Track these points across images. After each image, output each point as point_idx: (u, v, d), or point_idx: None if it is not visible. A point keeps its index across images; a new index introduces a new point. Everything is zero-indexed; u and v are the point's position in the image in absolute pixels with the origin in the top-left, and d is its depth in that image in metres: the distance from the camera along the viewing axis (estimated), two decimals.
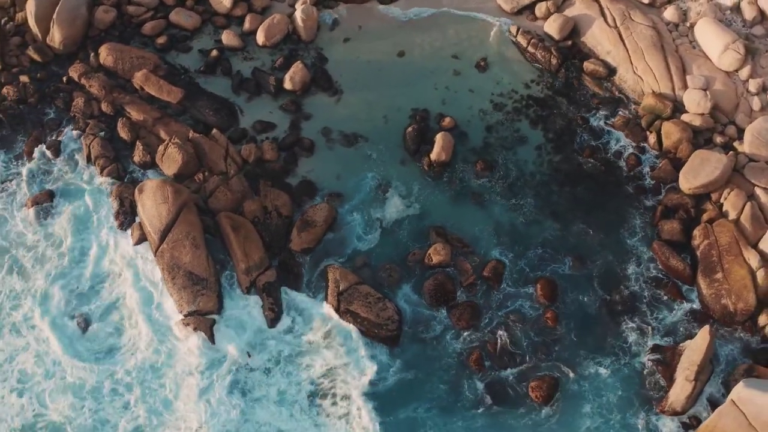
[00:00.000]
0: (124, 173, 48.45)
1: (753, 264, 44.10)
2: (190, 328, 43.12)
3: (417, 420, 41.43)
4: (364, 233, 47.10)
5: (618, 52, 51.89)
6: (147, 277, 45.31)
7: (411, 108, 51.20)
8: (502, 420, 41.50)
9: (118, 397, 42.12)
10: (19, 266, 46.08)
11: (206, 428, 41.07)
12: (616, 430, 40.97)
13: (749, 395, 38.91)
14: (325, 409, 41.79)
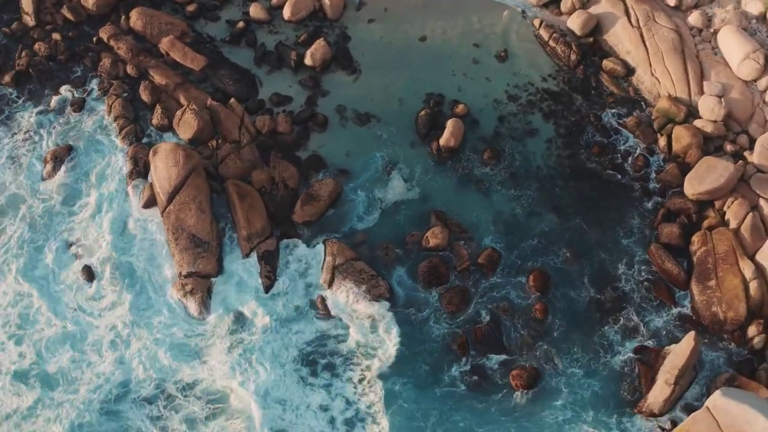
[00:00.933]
0: (141, 134, 49.68)
1: (747, 274, 43.69)
2: (188, 288, 44.39)
3: (393, 392, 41.90)
4: (366, 212, 47.67)
5: (638, 53, 51.49)
6: (152, 236, 46.46)
7: (426, 92, 51.49)
8: (475, 403, 41.83)
9: (114, 350, 43.37)
10: (31, 216, 47.46)
11: (199, 385, 42.52)
12: (587, 425, 40.92)
13: (725, 404, 38.71)
14: (311, 375, 42.48)
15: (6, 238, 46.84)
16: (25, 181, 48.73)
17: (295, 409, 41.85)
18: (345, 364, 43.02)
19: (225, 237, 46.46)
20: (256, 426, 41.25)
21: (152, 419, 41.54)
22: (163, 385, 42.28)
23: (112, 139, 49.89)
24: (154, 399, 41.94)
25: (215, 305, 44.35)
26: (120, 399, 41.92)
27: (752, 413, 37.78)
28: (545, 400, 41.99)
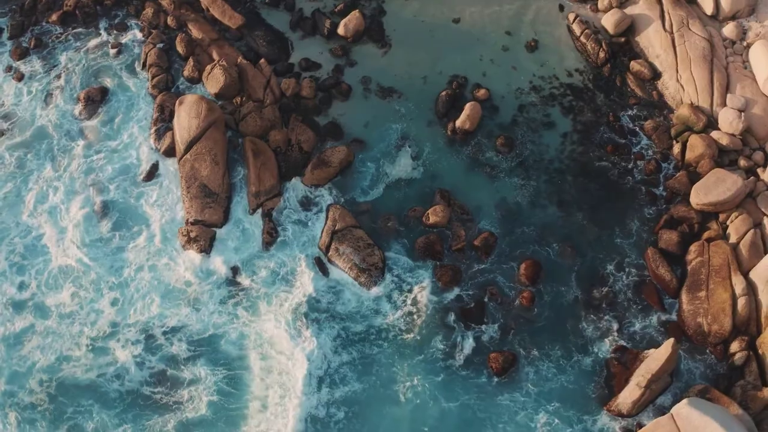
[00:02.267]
0: (172, 84, 51.20)
1: (738, 290, 43.01)
2: (192, 235, 45.73)
3: (369, 355, 42.86)
4: (373, 183, 48.29)
5: (667, 58, 50.65)
6: (167, 182, 47.90)
7: (451, 74, 51.61)
8: (446, 376, 42.43)
9: (113, 290, 45.06)
10: (55, 151, 49.44)
11: (193, 327, 43.89)
12: (548, 414, 41.10)
13: (688, 413, 38.49)
14: (299, 330, 43.53)
15: (27, 171, 48.68)
16: (55, 116, 50.61)
17: (280, 353, 43.13)
18: (329, 323, 43.89)
19: (235, 191, 47.53)
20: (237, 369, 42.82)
21: (136, 359, 43.00)
22: (152, 328, 43.70)
23: (143, 85, 51.32)
24: (141, 340, 43.34)
25: (215, 255, 45.60)
26: (109, 337, 43.47)
27: (713, 426, 37.54)
28: (515, 386, 42.39)
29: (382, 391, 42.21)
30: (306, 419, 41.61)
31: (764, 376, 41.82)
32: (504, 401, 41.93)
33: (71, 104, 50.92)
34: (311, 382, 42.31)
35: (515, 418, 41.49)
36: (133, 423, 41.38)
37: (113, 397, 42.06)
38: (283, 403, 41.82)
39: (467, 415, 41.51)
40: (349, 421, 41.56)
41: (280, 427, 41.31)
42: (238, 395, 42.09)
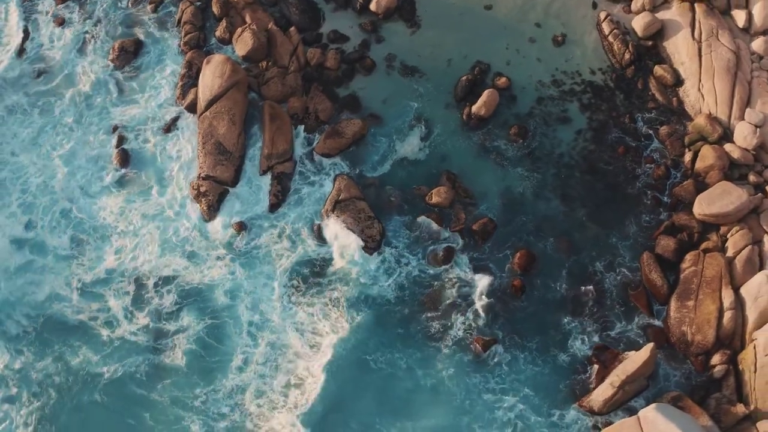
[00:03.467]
0: (203, 43, 52.14)
1: (726, 303, 42.35)
2: (202, 189, 46.72)
3: (355, 321, 43.68)
4: (384, 158, 48.54)
5: (691, 66, 49.57)
6: (186, 136, 49.15)
7: (475, 59, 51.30)
8: (424, 351, 43.13)
9: (116, 237, 46.61)
10: (83, 97, 50.98)
11: (188, 278, 45.29)
12: (519, 401, 41.45)
13: (654, 418, 38.31)
14: (292, 292, 44.70)
15: (52, 114, 50.29)
16: (87, 64, 52.08)
17: (270, 312, 44.28)
18: (321, 287, 44.78)
19: (249, 152, 48.35)
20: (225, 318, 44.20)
21: (126, 308, 44.51)
22: (148, 278, 45.15)
23: (176, 41, 52.36)
24: (134, 289, 44.84)
25: (222, 212, 46.72)
26: (102, 283, 45.08)
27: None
28: (491, 368, 42.68)
29: (357, 356, 42.95)
30: (287, 381, 42.66)
31: (741, 391, 41.29)
32: (477, 382, 42.27)
33: (104, 53, 52.27)
34: (295, 342, 43.40)
35: (485, 399, 41.96)
36: (119, 363, 42.79)
37: (101, 341, 43.55)
38: (265, 361, 42.83)
39: (438, 389, 42.00)
40: (333, 392, 42.28)
41: (259, 384, 42.26)
42: (220, 349, 43.20)
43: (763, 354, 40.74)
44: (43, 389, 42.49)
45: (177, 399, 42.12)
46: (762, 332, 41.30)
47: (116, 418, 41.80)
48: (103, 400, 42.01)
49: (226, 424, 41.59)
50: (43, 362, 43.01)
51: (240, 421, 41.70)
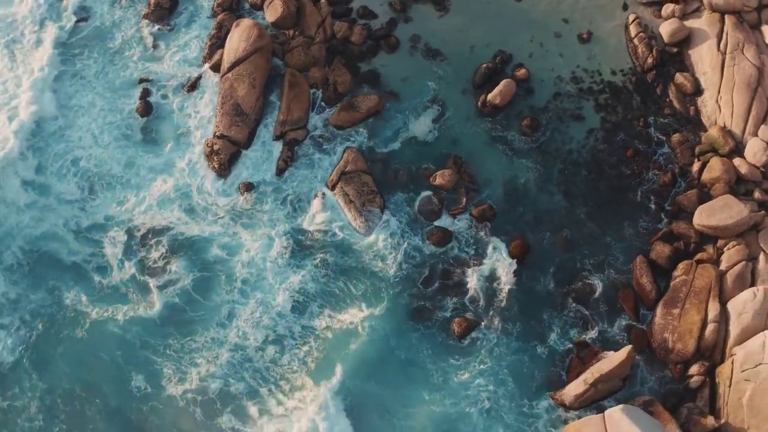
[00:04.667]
0: (236, 6, 52.57)
1: (710, 315, 41.70)
2: (215, 147, 47.35)
3: (342, 290, 44.37)
4: (395, 135, 48.54)
5: (712, 77, 48.45)
6: (208, 95, 49.79)
7: (498, 48, 50.76)
8: (406, 326, 43.45)
9: (122, 189, 47.42)
10: (113, 49, 51.92)
11: (188, 232, 46.15)
12: (493, 385, 41.61)
13: (619, 419, 38.15)
14: (287, 255, 45.21)
15: (82, 64, 51.30)
16: (120, 14, 52.91)
17: (262, 271, 45.04)
18: (316, 252, 45.25)
19: (265, 117, 48.83)
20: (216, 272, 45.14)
21: (119, 255, 45.50)
22: (147, 229, 46.08)
23: (210, 2, 52.95)
24: (131, 239, 45.96)
25: (231, 172, 47.31)
26: (99, 229, 46.18)
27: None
28: (469, 350, 42.80)
29: (340, 324, 43.50)
30: (267, 338, 43.37)
31: (714, 404, 40.82)
32: (455, 361, 42.55)
33: (140, 7, 53.02)
34: (283, 302, 44.07)
35: (460, 377, 42.15)
36: (106, 306, 44.20)
37: (93, 284, 44.79)
38: (250, 318, 43.70)
39: (414, 362, 42.45)
40: (303, 339, 43.40)
41: (239, 340, 43.18)
42: (208, 302, 44.28)
43: (739, 370, 40.15)
44: (32, 320, 43.80)
45: (149, 344, 43.21)
46: (741, 348, 40.69)
47: (92, 354, 42.95)
48: (83, 336, 43.23)
49: (199, 371, 42.53)
50: (36, 295, 44.33)
51: (214, 371, 42.68)
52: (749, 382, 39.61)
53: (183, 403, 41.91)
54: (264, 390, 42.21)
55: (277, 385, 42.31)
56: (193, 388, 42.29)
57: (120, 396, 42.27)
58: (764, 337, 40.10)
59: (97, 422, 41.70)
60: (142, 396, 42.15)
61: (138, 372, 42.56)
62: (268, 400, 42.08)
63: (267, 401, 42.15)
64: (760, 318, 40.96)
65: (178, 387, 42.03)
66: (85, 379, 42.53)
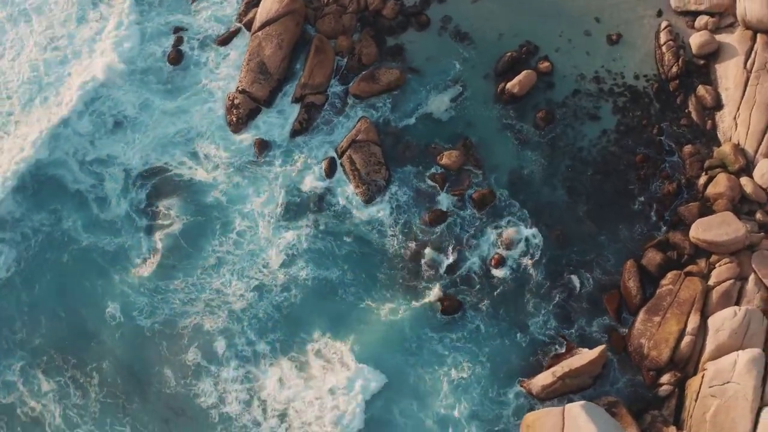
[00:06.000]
0: None
1: (689, 327, 41.01)
2: (235, 102, 48.06)
3: (334, 254, 44.99)
4: (411, 111, 48.45)
5: (734, 93, 47.06)
6: (237, 50, 50.53)
7: (526, 39, 50.07)
8: (392, 297, 43.85)
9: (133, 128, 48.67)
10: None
11: (191, 178, 47.11)
12: (468, 366, 41.86)
13: (578, 414, 37.98)
14: (290, 214, 46.03)
15: (115, 14, 52.22)
16: None
17: (264, 225, 45.92)
18: (314, 215, 45.78)
19: (288, 80, 49.17)
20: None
21: (118, 190, 46.78)
22: (149, 170, 47.34)
23: None
24: (134, 176, 47.17)
25: (247, 127, 48.03)
26: (102, 163, 47.42)
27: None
28: (449, 327, 43.02)
29: (328, 287, 44.12)
30: (255, 288, 44.21)
31: (679, 415, 40.29)
32: (433, 334, 42.87)
33: None
34: (273, 256, 44.86)
35: (435, 350, 42.49)
36: (98, 237, 45.70)
37: (91, 214, 46.24)
38: (237, 269, 44.64)
39: (393, 327, 42.97)
40: (289, 298, 44.02)
41: (221, 286, 44.13)
42: (199, 245, 45.37)
43: (708, 385, 39.44)
44: (32, 237, 45.61)
45: (128, 279, 44.62)
46: (713, 364, 39.92)
47: (76, 279, 44.61)
48: (70, 261, 45.03)
49: (173, 308, 43.84)
50: (38, 215, 46.03)
51: (186, 310, 43.92)
52: (715, 398, 39.00)
53: (150, 335, 43.37)
54: (236, 328, 43.30)
55: (252, 327, 43.31)
56: (161, 321, 43.62)
57: (95, 321, 43.90)
58: (737, 356, 39.41)
59: (73, 342, 43.47)
60: (115, 324, 43.70)
61: (114, 302, 44.04)
62: (239, 341, 43.13)
63: (237, 342, 43.16)
64: (737, 337, 40.20)
65: (148, 320, 43.40)
66: (67, 302, 44.36)
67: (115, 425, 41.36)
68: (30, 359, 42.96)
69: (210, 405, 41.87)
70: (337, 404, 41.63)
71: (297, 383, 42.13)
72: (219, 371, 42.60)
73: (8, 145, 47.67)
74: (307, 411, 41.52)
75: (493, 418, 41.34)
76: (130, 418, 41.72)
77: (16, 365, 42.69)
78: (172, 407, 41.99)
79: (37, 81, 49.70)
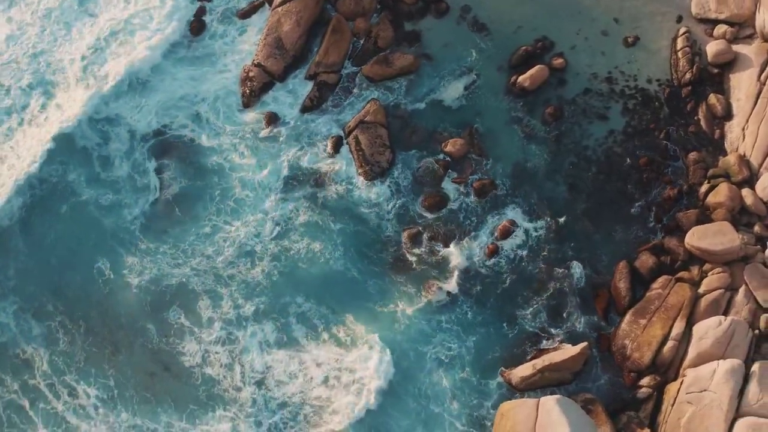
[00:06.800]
0: None
1: (673, 333, 40.63)
2: (250, 74, 48.48)
3: (328, 226, 45.26)
4: (422, 97, 48.38)
5: (745, 105, 46.21)
6: (257, 24, 51.03)
7: (543, 34, 49.66)
8: (380, 272, 44.00)
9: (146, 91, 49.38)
10: None
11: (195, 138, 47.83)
12: (451, 348, 41.90)
13: (552, 407, 37.90)
14: (291, 188, 46.28)
15: None
16: None
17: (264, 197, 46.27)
18: (316, 194, 45.93)
19: (304, 58, 49.35)
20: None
21: (121, 150, 47.62)
22: (155, 128, 48.13)
23: None
24: (131, 136, 48.08)
25: (258, 101, 48.43)
26: (109, 122, 48.27)
27: (563, 428, 36.96)
28: (437, 310, 43.00)
29: (319, 259, 44.36)
30: (242, 248, 44.79)
31: (654, 419, 39.92)
32: (420, 315, 42.91)
33: None
34: (267, 227, 45.30)
35: (421, 329, 42.51)
36: (98, 194, 46.51)
37: (93, 171, 47.18)
38: (232, 237, 45.11)
39: (379, 302, 43.22)
40: (276, 259, 44.57)
41: (211, 252, 44.73)
42: (195, 209, 46.01)
43: (685, 391, 39.05)
44: (35, 188, 46.63)
45: (121, 236, 45.44)
46: (693, 371, 39.46)
47: (71, 232, 45.63)
48: (68, 213, 45.98)
49: (160, 268, 44.48)
50: (49, 167, 47.02)
51: (172, 272, 44.48)
52: (691, 405, 38.56)
53: (137, 292, 44.00)
54: (224, 291, 43.81)
55: (239, 290, 43.80)
56: (147, 279, 44.23)
57: (86, 274, 44.70)
58: (716, 365, 38.91)
59: (64, 291, 44.31)
60: (103, 280, 44.48)
61: (104, 258, 44.80)
62: (224, 303, 43.71)
63: (223, 304, 43.71)
64: (719, 347, 39.65)
65: (135, 278, 44.06)
66: (60, 254, 45.24)
67: (99, 377, 42.08)
68: (22, 303, 43.93)
69: (193, 364, 42.41)
70: (319, 372, 42.02)
71: (279, 350, 42.50)
72: (201, 332, 43.08)
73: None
74: (288, 377, 41.88)
75: (476, 404, 41.24)
76: (114, 370, 42.43)
77: (10, 308, 43.73)
78: (159, 362, 42.59)
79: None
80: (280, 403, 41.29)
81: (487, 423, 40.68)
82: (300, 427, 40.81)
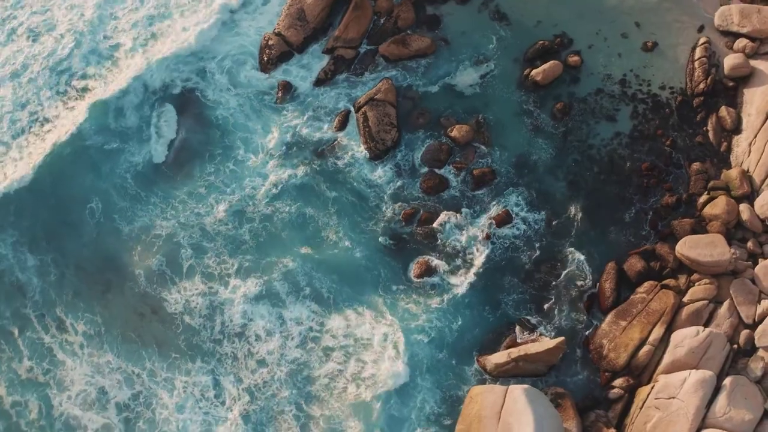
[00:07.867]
0: None
1: (651, 338, 40.23)
2: (270, 42, 48.69)
3: (327, 196, 45.48)
4: (435, 80, 48.20)
5: (755, 120, 45.19)
6: None
7: (562, 31, 49.12)
8: (370, 246, 44.26)
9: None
10: None
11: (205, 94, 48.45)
12: (434, 329, 41.92)
13: (518, 396, 37.69)
14: (293, 155, 46.67)
15: None
16: None
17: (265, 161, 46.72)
18: (319, 164, 46.20)
19: (324, 32, 49.53)
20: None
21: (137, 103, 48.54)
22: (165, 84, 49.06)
23: None
24: (151, 91, 48.78)
25: (275, 69, 48.71)
26: (128, 98, 48.84)
27: (528, 418, 36.86)
28: (421, 291, 43.06)
29: (309, 223, 44.84)
30: (233, 211, 45.27)
31: (622, 421, 39.65)
32: (409, 293, 43.08)
33: None
34: (263, 189, 45.67)
35: (407, 307, 42.59)
36: (104, 140, 47.39)
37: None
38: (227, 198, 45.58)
39: (369, 275, 43.45)
40: (268, 227, 44.96)
41: (203, 211, 45.25)
42: (191, 171, 46.56)
43: (654, 396, 38.72)
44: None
45: (118, 182, 46.20)
46: (664, 377, 39.09)
47: (71, 172, 46.50)
48: (71, 155, 46.75)
49: (150, 217, 45.21)
50: None
51: (161, 224, 45.15)
52: (658, 410, 38.20)
53: (125, 238, 44.76)
54: (210, 246, 44.40)
55: (226, 247, 44.40)
56: (138, 227, 44.96)
57: (78, 217, 45.57)
58: (687, 375, 38.46)
59: (57, 228, 45.32)
60: (95, 223, 45.33)
61: (99, 202, 45.61)
62: (209, 261, 44.23)
63: (206, 261, 44.19)
64: (694, 356, 39.16)
65: (126, 226, 44.80)
66: (58, 193, 46.14)
67: (88, 312, 43.03)
68: (19, 237, 44.99)
69: (175, 311, 43.02)
70: (296, 331, 42.40)
71: (261, 306, 42.95)
72: (183, 283, 43.67)
73: None
74: (267, 334, 42.43)
75: (451, 385, 41.30)
76: (101, 308, 43.34)
77: (9, 240, 44.85)
78: (146, 305, 43.32)
79: None
80: (259, 360, 41.81)
81: (460, 406, 40.74)
82: (277, 386, 41.18)
